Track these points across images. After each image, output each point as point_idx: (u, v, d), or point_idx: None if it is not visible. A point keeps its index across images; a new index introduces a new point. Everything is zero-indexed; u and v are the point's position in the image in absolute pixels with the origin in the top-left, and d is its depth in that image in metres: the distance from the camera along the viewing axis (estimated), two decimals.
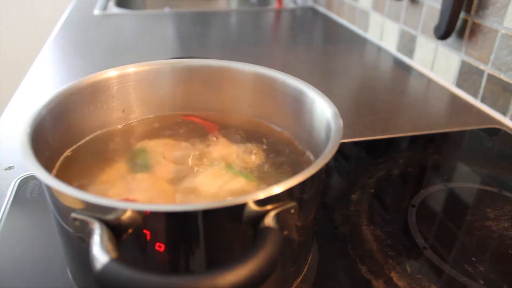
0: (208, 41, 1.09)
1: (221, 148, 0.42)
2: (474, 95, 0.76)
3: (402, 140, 0.64)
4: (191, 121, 0.47)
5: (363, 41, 1.08)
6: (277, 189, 0.28)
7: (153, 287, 0.24)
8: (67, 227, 0.31)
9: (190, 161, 0.41)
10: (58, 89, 0.39)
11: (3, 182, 0.51)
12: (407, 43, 0.94)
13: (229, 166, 0.40)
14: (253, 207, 0.28)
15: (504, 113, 0.70)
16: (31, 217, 0.46)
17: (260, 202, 0.29)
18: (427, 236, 0.45)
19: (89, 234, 0.27)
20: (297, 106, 0.43)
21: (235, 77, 0.46)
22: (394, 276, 0.40)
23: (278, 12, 1.38)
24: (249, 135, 0.45)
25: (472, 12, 0.74)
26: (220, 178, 0.37)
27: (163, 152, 0.42)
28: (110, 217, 0.27)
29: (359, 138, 0.63)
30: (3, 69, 1.96)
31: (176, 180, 0.38)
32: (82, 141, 0.42)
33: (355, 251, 0.43)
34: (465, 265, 0.41)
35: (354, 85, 0.86)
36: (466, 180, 0.55)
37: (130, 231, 0.28)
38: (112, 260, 0.25)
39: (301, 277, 0.39)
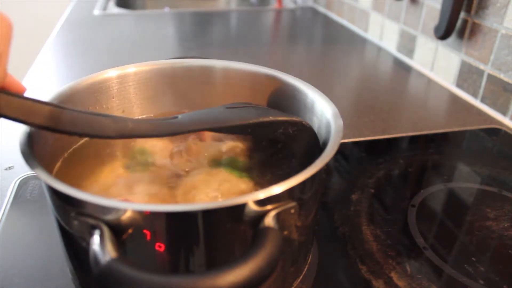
0: (208, 41, 1.09)
1: (220, 149, 0.42)
2: (474, 95, 0.76)
3: (402, 140, 0.64)
4: None
5: (363, 41, 1.08)
6: (277, 189, 0.28)
7: (153, 287, 0.24)
8: (67, 227, 0.31)
9: (189, 161, 0.41)
10: (58, 89, 0.39)
11: (3, 182, 0.51)
12: (407, 43, 0.94)
13: (228, 166, 0.40)
14: (253, 207, 0.28)
15: (504, 113, 0.70)
16: (31, 217, 0.46)
17: (260, 202, 0.29)
18: (427, 236, 0.45)
19: (89, 234, 0.27)
20: (297, 106, 0.43)
21: (235, 77, 0.46)
22: (394, 276, 0.40)
23: (278, 12, 1.38)
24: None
25: (472, 12, 0.74)
26: (219, 178, 0.37)
27: (163, 152, 0.42)
28: (110, 217, 0.27)
29: (359, 138, 0.63)
30: None
31: (175, 179, 0.38)
32: (82, 141, 0.42)
33: (355, 251, 0.43)
34: (465, 265, 0.41)
35: (354, 85, 0.86)
36: (466, 180, 0.55)
37: (130, 231, 0.28)
38: (112, 260, 0.25)
39: (301, 277, 0.39)
